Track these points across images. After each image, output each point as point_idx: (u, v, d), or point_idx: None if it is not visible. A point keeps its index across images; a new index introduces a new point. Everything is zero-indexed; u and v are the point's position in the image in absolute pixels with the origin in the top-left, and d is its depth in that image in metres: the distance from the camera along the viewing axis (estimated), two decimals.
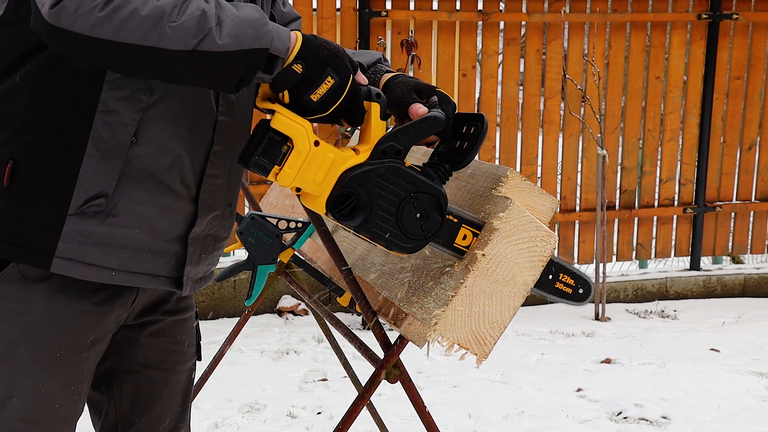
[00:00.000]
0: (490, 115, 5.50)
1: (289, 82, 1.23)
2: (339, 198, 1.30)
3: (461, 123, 1.41)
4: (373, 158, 1.31)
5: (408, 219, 1.32)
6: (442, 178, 1.37)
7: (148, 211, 1.32)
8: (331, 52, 1.26)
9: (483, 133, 1.37)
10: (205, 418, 3.48)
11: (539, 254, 1.46)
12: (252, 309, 2.67)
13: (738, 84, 5.85)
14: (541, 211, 1.51)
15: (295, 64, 1.22)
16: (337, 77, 1.25)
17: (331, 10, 5.07)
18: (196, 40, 1.14)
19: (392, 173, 1.31)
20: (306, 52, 1.23)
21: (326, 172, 1.30)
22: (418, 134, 1.35)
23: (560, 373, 4.12)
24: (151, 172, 1.31)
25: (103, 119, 1.26)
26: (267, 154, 1.26)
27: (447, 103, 1.41)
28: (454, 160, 1.39)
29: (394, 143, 1.32)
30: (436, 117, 1.35)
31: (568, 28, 5.52)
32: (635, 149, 5.75)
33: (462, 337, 1.45)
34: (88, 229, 1.27)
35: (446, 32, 5.30)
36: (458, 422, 3.47)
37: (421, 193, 1.32)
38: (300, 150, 1.27)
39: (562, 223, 5.66)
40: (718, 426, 3.47)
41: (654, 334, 4.96)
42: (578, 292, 1.60)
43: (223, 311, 5.15)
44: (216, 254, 1.52)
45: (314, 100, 1.24)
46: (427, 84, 1.46)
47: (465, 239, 1.44)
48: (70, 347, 1.33)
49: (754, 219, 6.11)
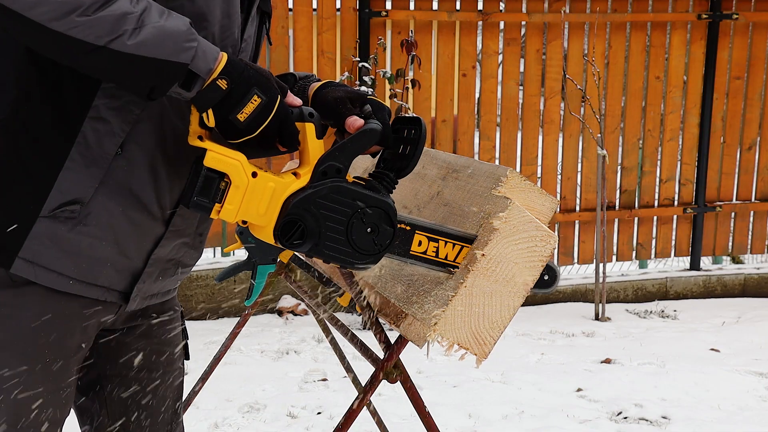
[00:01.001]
0: (490, 115, 5.51)
1: (213, 100, 1.20)
2: (286, 226, 1.27)
3: (403, 127, 1.40)
4: (314, 180, 1.28)
5: (359, 235, 1.30)
6: (388, 188, 1.35)
7: (118, 226, 1.30)
8: (257, 71, 1.23)
9: (422, 137, 1.35)
10: (205, 418, 3.48)
11: (539, 254, 1.46)
12: (252, 309, 2.67)
13: (738, 84, 5.85)
14: (541, 211, 1.51)
15: (220, 79, 1.19)
16: (264, 96, 1.22)
17: (331, 10, 5.07)
18: (107, 38, 1.12)
19: (335, 192, 1.28)
20: (231, 69, 1.20)
21: (269, 202, 1.27)
22: (356, 149, 1.32)
23: (560, 373, 4.12)
24: (129, 187, 1.29)
25: (92, 126, 1.25)
26: (205, 193, 1.24)
27: (382, 110, 1.40)
28: (399, 167, 1.37)
29: (333, 162, 1.29)
30: (373, 129, 1.33)
31: (568, 28, 5.52)
32: (635, 149, 5.75)
33: (462, 337, 1.45)
34: (58, 233, 1.25)
35: (446, 32, 5.30)
36: (458, 422, 3.47)
37: (368, 208, 1.30)
38: (238, 184, 1.25)
39: (562, 223, 5.66)
40: (718, 426, 3.47)
41: (654, 334, 4.96)
42: (543, 279, 1.59)
43: (223, 311, 5.15)
44: (176, 278, 1.50)
45: (241, 120, 1.21)
46: (357, 91, 1.43)
47: (421, 245, 1.43)
48: (59, 351, 1.32)
49: (754, 219, 6.11)
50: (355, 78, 5.02)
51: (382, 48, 5.01)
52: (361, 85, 4.95)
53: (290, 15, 5.06)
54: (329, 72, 5.08)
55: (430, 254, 1.44)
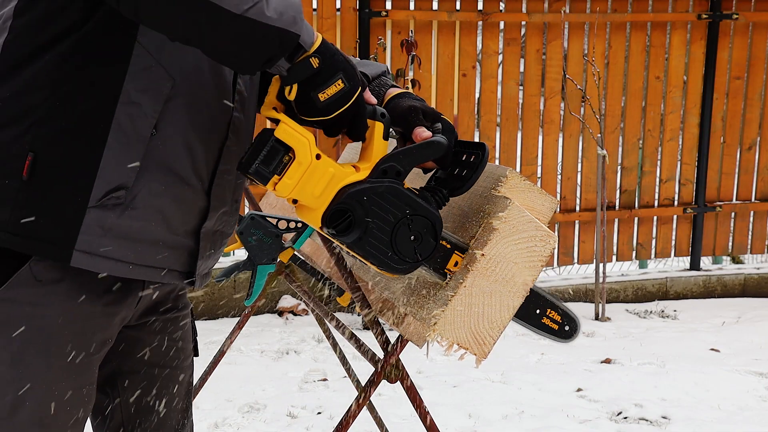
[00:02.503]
0: (490, 115, 5.51)
1: (303, 75, 1.23)
2: (335, 213, 1.29)
3: (461, 151, 1.42)
4: (373, 177, 1.31)
5: (402, 240, 1.32)
6: (439, 203, 1.38)
7: (164, 204, 1.32)
8: (346, 59, 1.27)
9: (484, 162, 1.37)
10: (205, 418, 3.48)
11: (539, 254, 1.46)
12: (252, 309, 2.67)
13: (738, 84, 5.85)
14: (540, 211, 1.51)
15: (313, 57, 1.22)
16: (348, 83, 1.25)
17: (331, 10, 5.07)
18: (246, 6, 1.14)
19: (390, 193, 1.30)
20: (325, 50, 1.23)
21: (325, 186, 1.29)
22: (419, 157, 1.35)
23: (560, 373, 4.12)
24: (168, 165, 1.31)
25: (125, 110, 1.25)
26: (268, 163, 1.26)
27: (450, 132, 1.41)
28: (453, 186, 1.39)
29: (394, 164, 1.32)
30: (440, 142, 1.35)
31: (568, 28, 5.52)
32: (635, 149, 5.75)
33: (461, 337, 1.45)
34: (108, 221, 1.26)
35: (446, 32, 5.30)
36: (458, 422, 3.47)
37: (417, 216, 1.32)
38: (301, 161, 1.27)
39: (562, 223, 5.66)
40: (718, 426, 3.47)
41: (654, 334, 4.96)
42: (564, 329, 1.62)
43: (223, 311, 5.15)
44: (221, 251, 1.52)
45: (321, 100, 1.24)
46: (433, 109, 1.46)
47: (457, 266, 1.44)
48: (82, 350, 1.33)
49: (754, 219, 6.11)
50: None
51: (382, 48, 5.01)
52: None
53: None
54: None
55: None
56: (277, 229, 2.17)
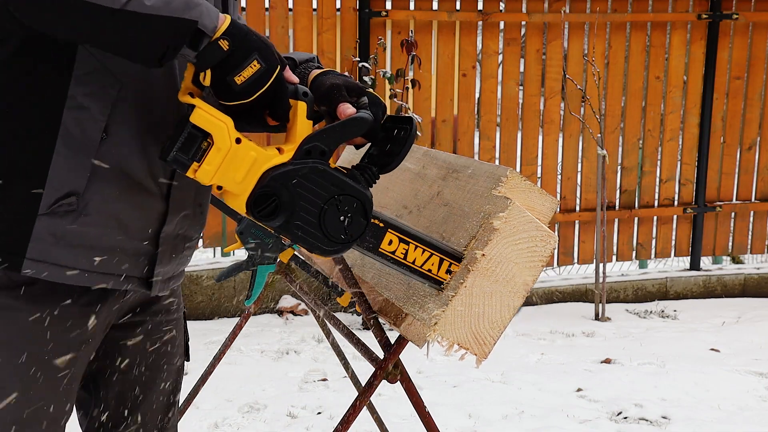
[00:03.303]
0: (490, 115, 5.51)
1: (214, 59, 1.19)
2: (260, 197, 1.26)
3: (393, 126, 1.39)
4: (297, 158, 1.27)
5: (331, 221, 1.29)
6: (369, 181, 1.34)
7: (120, 209, 1.29)
8: (259, 38, 1.22)
9: (411, 136, 1.34)
10: (205, 418, 3.48)
11: (539, 254, 1.46)
12: (252, 309, 2.67)
13: (738, 84, 5.85)
14: (541, 211, 1.51)
15: (222, 40, 1.18)
16: (264, 63, 1.21)
17: (331, 10, 5.07)
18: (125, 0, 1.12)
19: (315, 174, 1.27)
20: (234, 31, 1.19)
21: (247, 171, 1.26)
22: (344, 135, 1.31)
23: (560, 373, 4.12)
24: (121, 169, 1.28)
25: (72, 115, 1.24)
26: (186, 150, 1.22)
27: (377, 105, 1.39)
28: (383, 163, 1.36)
29: (318, 143, 1.28)
30: (363, 118, 1.32)
31: (568, 28, 5.52)
32: (635, 149, 5.75)
33: (462, 337, 1.45)
34: (60, 229, 1.25)
35: (446, 32, 5.30)
36: (458, 422, 3.47)
37: (345, 196, 1.29)
38: (220, 146, 1.23)
39: (562, 223, 5.66)
40: (718, 426, 3.47)
41: (654, 334, 4.96)
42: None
43: (223, 311, 5.15)
44: (186, 254, 1.50)
45: (238, 83, 1.20)
46: (357, 83, 1.42)
47: (391, 244, 1.42)
48: (59, 350, 1.32)
49: (754, 219, 6.11)
50: (355, 78, 5.02)
51: (382, 48, 5.01)
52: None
53: (290, 15, 5.06)
54: None
55: (398, 255, 1.43)
56: None
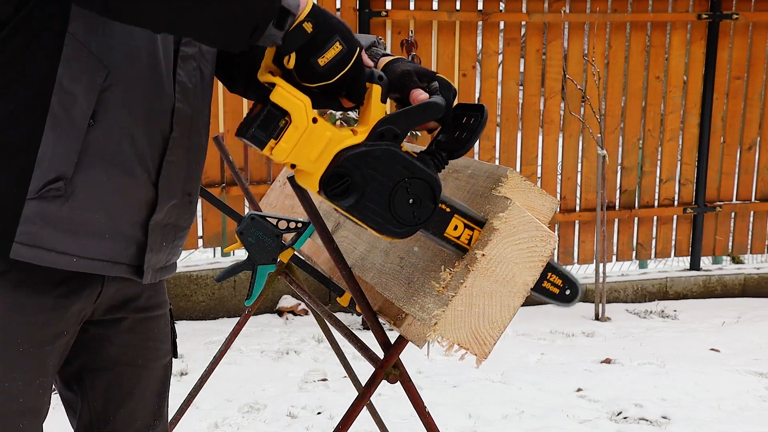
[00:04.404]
0: (490, 115, 5.50)
1: (298, 42, 1.20)
2: (332, 177, 1.28)
3: (462, 113, 1.40)
4: (371, 140, 1.29)
5: (400, 204, 1.31)
6: (438, 166, 1.36)
7: (108, 196, 1.30)
8: (340, 21, 1.24)
9: (482, 124, 1.35)
10: (205, 418, 3.48)
11: (539, 254, 1.46)
12: (252, 309, 2.67)
13: (738, 84, 5.85)
14: (541, 211, 1.51)
15: (306, 22, 1.20)
16: (345, 45, 1.23)
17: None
18: None
19: (388, 156, 1.29)
20: (317, 13, 1.21)
21: (322, 150, 1.27)
22: (417, 119, 1.33)
23: (560, 373, 4.12)
24: (110, 156, 1.29)
25: (59, 101, 1.24)
26: (264, 127, 1.24)
27: (448, 90, 1.40)
28: (451, 149, 1.37)
29: (392, 126, 1.30)
30: (436, 103, 1.34)
31: (568, 28, 5.52)
32: (635, 149, 5.75)
33: (462, 337, 1.45)
34: (48, 213, 1.25)
35: (446, 32, 5.30)
36: (458, 422, 3.47)
37: (415, 179, 1.31)
38: (297, 125, 1.25)
39: (562, 223, 5.67)
40: (718, 426, 3.47)
41: (654, 334, 4.96)
42: (565, 293, 1.59)
43: (223, 311, 5.15)
44: (177, 244, 1.50)
45: (321, 65, 1.22)
46: (427, 69, 1.44)
47: (456, 230, 1.43)
48: (33, 341, 1.32)
49: (754, 219, 6.11)
50: None
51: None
52: None
53: None
54: None
55: (463, 241, 1.44)
56: (277, 229, 2.17)
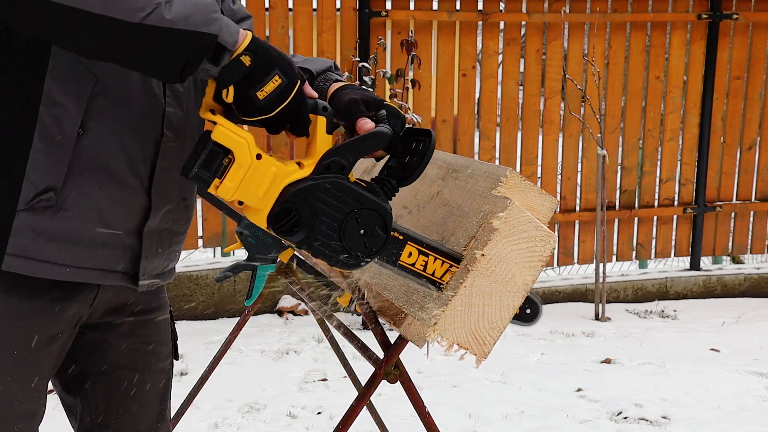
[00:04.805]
0: (490, 115, 5.51)
1: (236, 76, 1.20)
2: (280, 213, 1.27)
3: (412, 138, 1.40)
4: (317, 173, 1.28)
5: (351, 235, 1.30)
6: (388, 194, 1.35)
7: (100, 205, 1.30)
8: (280, 54, 1.23)
9: (430, 150, 1.35)
10: (205, 418, 3.48)
11: (539, 254, 1.46)
12: (252, 309, 2.67)
13: (738, 84, 5.85)
14: (540, 211, 1.51)
15: (244, 55, 1.19)
16: (285, 78, 1.22)
17: (331, 10, 5.07)
18: (143, 13, 1.11)
19: (335, 188, 1.28)
20: (256, 47, 1.20)
21: (268, 186, 1.26)
22: (363, 149, 1.32)
23: (560, 373, 4.12)
24: (100, 164, 1.29)
25: (48, 111, 1.24)
26: (207, 167, 1.23)
27: (396, 118, 1.39)
28: (402, 176, 1.37)
29: (338, 158, 1.29)
30: (382, 132, 1.33)
31: (568, 28, 5.52)
32: (635, 149, 5.75)
33: (461, 337, 1.45)
34: (40, 224, 1.25)
35: (446, 32, 5.30)
36: (458, 422, 3.47)
37: (364, 209, 1.30)
38: (241, 163, 1.24)
39: (562, 223, 5.67)
40: (718, 426, 3.47)
41: (654, 334, 4.96)
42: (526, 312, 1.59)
43: (223, 311, 5.15)
44: (174, 249, 1.49)
45: (260, 98, 1.21)
46: (375, 97, 1.43)
47: (410, 257, 1.42)
48: (27, 345, 1.32)
49: (754, 219, 6.11)
50: (355, 78, 5.02)
51: (382, 48, 5.01)
52: (361, 85, 4.95)
53: (290, 15, 5.06)
54: None
55: (418, 267, 1.43)
56: None
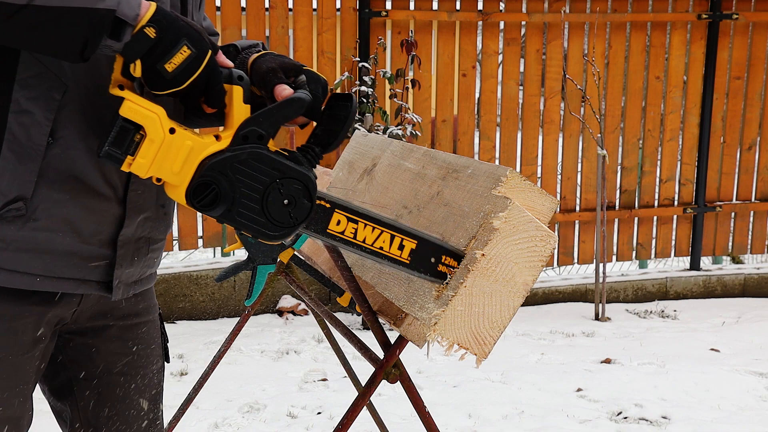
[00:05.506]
0: (490, 115, 5.51)
1: (142, 49, 1.16)
2: (198, 187, 1.23)
3: (337, 103, 1.36)
4: (234, 144, 1.24)
5: (274, 206, 1.26)
6: (312, 161, 1.31)
7: (71, 214, 1.28)
8: (188, 24, 1.20)
9: (351, 114, 1.31)
10: (205, 418, 3.48)
11: (539, 254, 1.46)
12: (252, 309, 2.67)
13: (738, 84, 5.85)
14: (540, 211, 1.51)
15: (148, 27, 1.15)
16: (194, 49, 1.18)
17: (331, 10, 5.07)
18: None
19: (254, 159, 1.24)
20: (160, 18, 1.16)
21: (184, 161, 1.23)
22: (281, 117, 1.28)
23: (560, 373, 4.12)
24: (72, 173, 1.27)
25: (17, 120, 1.22)
26: (118, 144, 1.19)
27: (316, 82, 1.36)
28: (325, 143, 1.33)
29: (255, 127, 1.25)
30: (300, 98, 1.29)
31: (568, 28, 5.52)
32: (635, 149, 5.75)
33: (462, 337, 1.44)
34: (9, 234, 1.24)
35: (446, 32, 5.30)
36: (458, 422, 3.47)
37: (287, 179, 1.26)
38: (153, 138, 1.20)
39: (562, 223, 5.67)
40: (718, 426, 3.47)
41: (654, 334, 4.96)
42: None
43: (223, 311, 5.15)
44: (152, 256, 1.47)
45: (169, 71, 1.17)
46: (294, 62, 1.39)
47: (339, 224, 1.37)
48: (12, 349, 1.31)
49: (754, 219, 6.11)
50: (355, 78, 5.02)
51: (382, 48, 5.01)
52: (361, 84, 4.95)
53: (290, 15, 5.06)
54: (329, 72, 5.08)
55: (348, 235, 1.38)
56: None
